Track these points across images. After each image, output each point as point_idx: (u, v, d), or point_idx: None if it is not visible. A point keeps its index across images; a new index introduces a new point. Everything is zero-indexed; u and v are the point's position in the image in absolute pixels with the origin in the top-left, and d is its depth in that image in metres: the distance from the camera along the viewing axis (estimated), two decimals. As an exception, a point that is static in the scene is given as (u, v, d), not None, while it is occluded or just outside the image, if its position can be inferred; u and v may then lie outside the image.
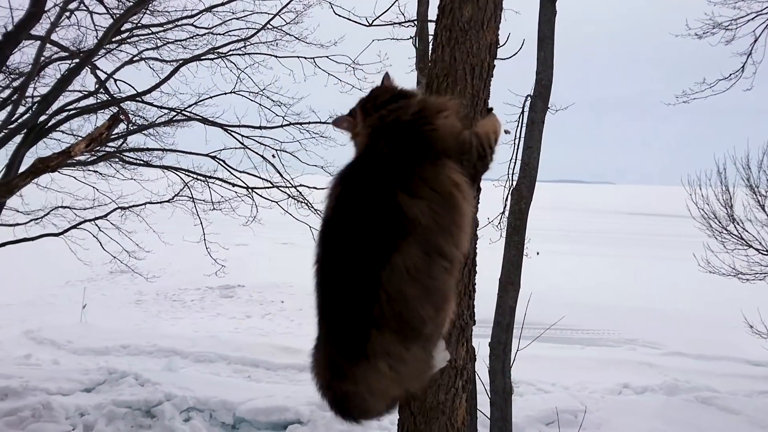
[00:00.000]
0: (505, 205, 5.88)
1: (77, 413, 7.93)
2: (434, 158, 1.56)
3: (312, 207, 7.48)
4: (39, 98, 5.79)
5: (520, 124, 5.62)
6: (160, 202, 8.22)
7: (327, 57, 7.67)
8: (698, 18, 8.29)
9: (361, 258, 1.46)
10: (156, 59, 7.70)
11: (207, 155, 7.47)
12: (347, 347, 1.47)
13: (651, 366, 11.23)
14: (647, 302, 17.10)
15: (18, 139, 6.04)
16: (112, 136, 6.41)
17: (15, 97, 5.98)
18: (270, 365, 10.64)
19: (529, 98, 5.26)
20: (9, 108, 5.83)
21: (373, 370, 1.45)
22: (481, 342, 5.00)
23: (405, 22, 5.52)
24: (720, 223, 10.63)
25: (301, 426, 8.03)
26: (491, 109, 1.90)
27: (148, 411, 8.09)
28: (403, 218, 1.46)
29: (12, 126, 5.36)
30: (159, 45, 7.61)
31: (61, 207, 7.72)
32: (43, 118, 5.75)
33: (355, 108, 1.81)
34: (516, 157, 5.77)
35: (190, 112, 7.33)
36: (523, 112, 5.70)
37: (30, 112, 5.83)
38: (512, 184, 5.48)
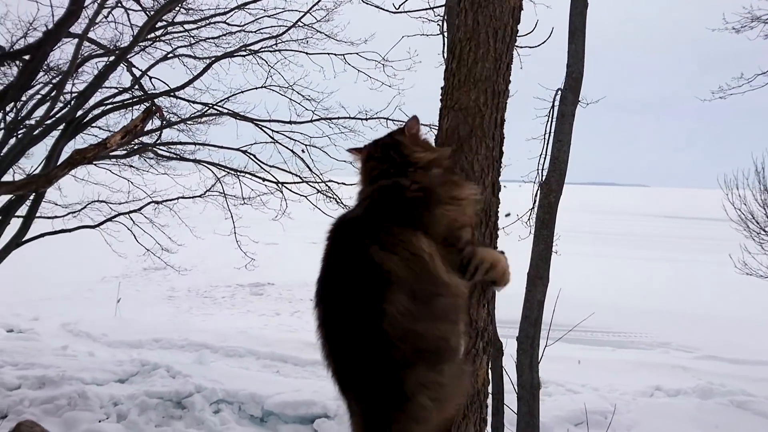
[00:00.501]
0: (535, 201, 5.83)
1: (111, 402, 8.11)
2: (414, 233, 1.57)
3: (341, 202, 7.53)
4: (77, 94, 5.95)
5: (550, 119, 5.57)
6: (192, 197, 8.37)
7: (357, 54, 7.74)
8: (735, 11, 8.10)
9: (359, 317, 1.50)
10: (189, 56, 7.86)
11: (238, 149, 7.57)
12: (387, 399, 1.49)
13: (684, 369, 10.99)
14: (681, 305, 16.74)
15: (57, 133, 6.24)
16: (147, 131, 6.58)
17: (54, 93, 6.16)
18: (298, 361, 10.73)
19: (559, 92, 5.20)
20: (48, 103, 6.00)
21: (418, 407, 1.48)
22: (509, 341, 4.98)
23: (432, 7, 5.54)
24: (758, 223, 10.37)
25: (328, 420, 8.07)
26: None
27: (179, 402, 8.23)
28: (380, 271, 1.50)
29: (51, 120, 5.53)
30: (192, 42, 7.76)
31: (97, 201, 7.94)
32: (80, 113, 5.92)
33: (365, 148, 1.84)
34: (546, 152, 5.73)
35: (222, 107, 7.45)
36: (553, 106, 5.65)
37: (68, 106, 5.99)
38: (541, 179, 5.44)
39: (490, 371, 1.79)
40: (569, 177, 5.95)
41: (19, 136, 5.39)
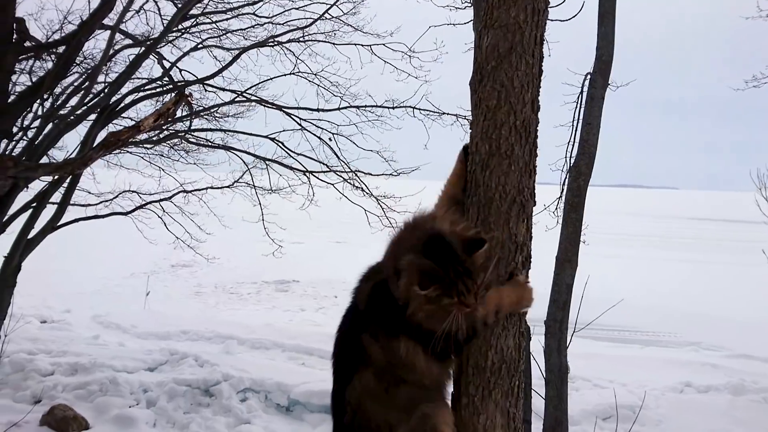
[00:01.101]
0: (563, 190, 5.78)
1: (141, 389, 8.26)
2: (401, 336, 1.68)
3: (368, 190, 7.55)
4: (110, 83, 6.10)
5: (579, 104, 5.53)
6: (221, 187, 8.50)
7: (383, 45, 7.77)
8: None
9: (339, 378, 1.80)
10: (218, 47, 7.98)
11: (266, 137, 7.65)
12: None
13: (715, 367, 10.76)
14: (713, 307, 16.43)
15: (89, 123, 6.40)
16: (177, 118, 6.72)
17: (87, 83, 6.30)
18: (323, 353, 10.74)
19: (588, 76, 5.16)
20: (82, 93, 6.14)
21: None
22: (534, 338, 4.93)
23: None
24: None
25: (354, 410, 8.10)
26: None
27: (207, 390, 8.34)
28: (363, 352, 1.72)
29: (85, 108, 5.67)
30: (221, 34, 7.88)
31: (129, 191, 8.10)
32: (113, 100, 6.07)
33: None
34: (574, 140, 5.68)
35: (251, 94, 7.54)
36: (582, 91, 5.61)
37: (102, 94, 6.14)
38: (569, 167, 5.39)
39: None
40: (593, 179, 5.91)
41: (56, 122, 5.53)
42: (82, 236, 26.61)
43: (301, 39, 7.84)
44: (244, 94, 7.38)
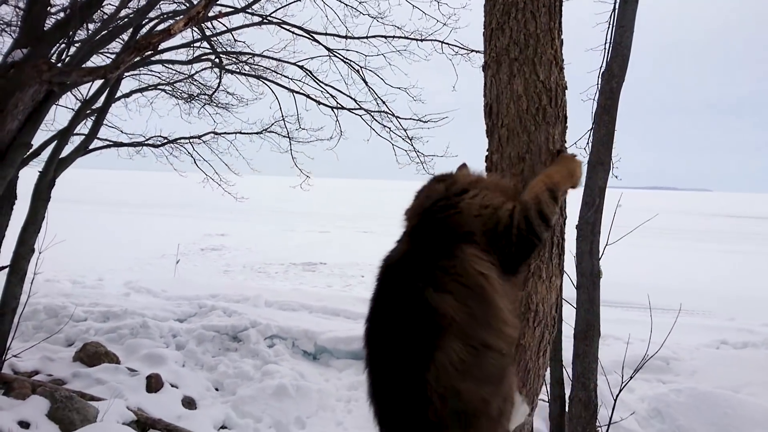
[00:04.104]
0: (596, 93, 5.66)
1: (170, 334, 8.36)
2: (458, 246, 1.48)
3: (397, 123, 7.48)
4: (141, 5, 6.18)
5: (614, 8, 5.44)
6: (250, 133, 8.56)
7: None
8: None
9: (404, 362, 1.40)
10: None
11: (295, 64, 7.64)
12: None
13: (752, 332, 10.44)
14: (749, 290, 16.04)
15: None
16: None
17: (118, 4, 6.40)
18: (350, 314, 10.74)
19: (621, -16, 5.06)
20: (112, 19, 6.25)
21: None
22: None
23: None
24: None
25: (381, 354, 8.06)
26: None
27: (235, 336, 8.40)
28: (435, 315, 1.40)
29: (116, 24, 5.77)
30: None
31: (160, 136, 8.19)
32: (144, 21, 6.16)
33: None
34: (605, 59, 5.58)
35: (277, 18, 7.45)
36: (614, 9, 5.51)
37: (134, 13, 6.24)
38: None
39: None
40: (624, 182, 5.77)
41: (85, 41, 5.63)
42: (113, 224, 27.37)
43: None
44: (269, 17, 7.29)
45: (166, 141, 8.05)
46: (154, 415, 5.85)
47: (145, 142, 7.91)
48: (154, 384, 6.65)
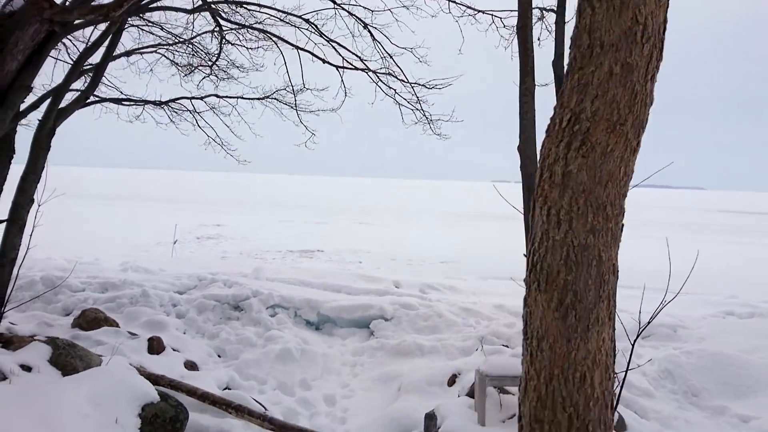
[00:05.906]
0: None
1: (170, 303, 8.22)
2: None
3: (403, 76, 7.33)
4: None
5: None
6: (252, 98, 8.42)
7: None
8: None
9: None
10: None
11: (299, 17, 7.44)
12: None
13: (755, 307, 10.39)
14: (750, 273, 16.08)
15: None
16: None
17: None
18: (352, 290, 10.60)
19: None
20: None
21: None
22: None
23: None
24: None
25: (385, 321, 7.95)
26: None
27: (236, 306, 8.27)
28: None
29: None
30: None
31: (161, 102, 8.03)
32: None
33: None
34: None
35: None
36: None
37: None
38: None
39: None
40: None
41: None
42: (107, 216, 27.21)
43: None
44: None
45: (168, 100, 7.91)
46: (156, 373, 5.71)
47: (146, 100, 7.76)
48: (156, 346, 6.51)
